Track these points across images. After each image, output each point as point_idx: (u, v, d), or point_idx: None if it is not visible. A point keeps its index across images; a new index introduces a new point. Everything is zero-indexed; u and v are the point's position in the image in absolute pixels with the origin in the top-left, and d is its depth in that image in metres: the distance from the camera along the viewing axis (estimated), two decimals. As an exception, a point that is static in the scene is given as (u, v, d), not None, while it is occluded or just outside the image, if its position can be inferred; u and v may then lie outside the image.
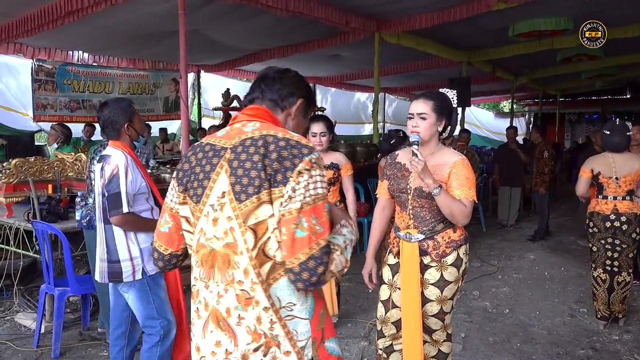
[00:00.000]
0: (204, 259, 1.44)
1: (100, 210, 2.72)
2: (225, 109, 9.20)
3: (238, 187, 1.37)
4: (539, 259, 6.37)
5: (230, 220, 1.38)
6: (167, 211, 1.56)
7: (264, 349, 1.39)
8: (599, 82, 13.08)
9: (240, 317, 1.39)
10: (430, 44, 7.73)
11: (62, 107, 8.05)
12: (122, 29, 6.51)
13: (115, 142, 2.78)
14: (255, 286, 1.37)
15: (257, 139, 1.40)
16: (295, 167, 1.35)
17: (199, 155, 1.48)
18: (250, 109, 1.53)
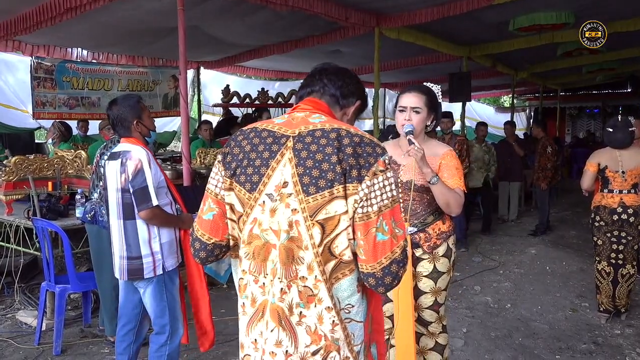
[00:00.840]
0: (256, 252, 1.36)
1: (120, 206, 2.70)
2: (225, 105, 9.20)
3: (306, 179, 1.29)
4: (540, 253, 6.36)
5: (295, 212, 1.30)
6: (211, 197, 1.45)
7: (323, 352, 1.33)
8: (600, 76, 13.04)
9: (301, 315, 1.32)
10: (430, 39, 7.70)
11: (61, 104, 8.02)
12: (121, 26, 6.48)
13: (128, 138, 2.78)
14: (319, 284, 1.31)
15: (328, 130, 1.34)
16: (371, 167, 1.30)
17: (254, 141, 1.38)
18: (312, 102, 1.47)
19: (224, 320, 4.14)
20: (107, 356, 3.59)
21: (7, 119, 8.12)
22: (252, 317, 1.39)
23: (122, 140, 2.82)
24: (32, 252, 4.23)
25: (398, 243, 1.31)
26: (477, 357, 3.55)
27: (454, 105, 10.57)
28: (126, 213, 2.69)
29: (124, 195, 2.67)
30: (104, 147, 3.67)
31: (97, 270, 3.71)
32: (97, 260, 3.70)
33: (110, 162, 2.77)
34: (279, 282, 1.33)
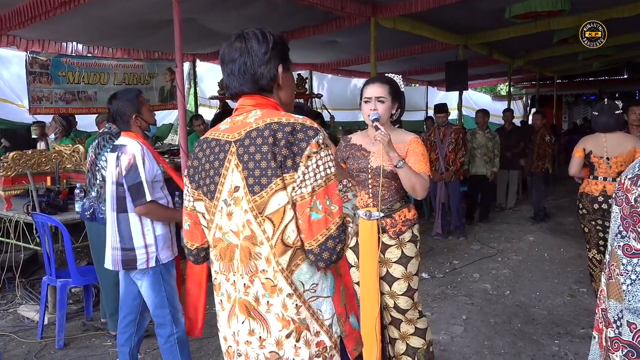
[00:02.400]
0: (222, 253, 1.47)
1: (114, 199, 2.73)
2: (222, 98, 9.16)
3: (251, 180, 1.37)
4: (538, 240, 6.40)
5: (246, 213, 1.39)
6: (185, 211, 1.59)
7: (295, 334, 1.41)
8: (596, 63, 13.02)
9: (269, 304, 1.41)
10: (426, 28, 7.67)
11: (57, 99, 7.98)
12: (116, 19, 6.44)
13: (127, 133, 2.81)
14: (277, 274, 1.39)
15: (262, 129, 1.38)
16: (304, 152, 1.34)
17: (206, 152, 1.47)
18: (247, 99, 1.48)
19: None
20: (110, 349, 3.61)
21: (3, 113, 8.09)
22: (230, 312, 1.48)
23: (122, 134, 2.84)
24: (32, 247, 4.24)
25: (333, 220, 1.36)
26: (477, 344, 3.59)
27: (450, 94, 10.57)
28: (119, 206, 2.72)
29: (118, 188, 2.71)
30: (97, 143, 3.66)
31: (98, 266, 3.72)
32: (98, 256, 3.70)
33: (110, 155, 2.81)
34: (241, 278, 1.43)
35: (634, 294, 0.70)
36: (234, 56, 1.45)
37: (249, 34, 1.46)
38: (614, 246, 0.76)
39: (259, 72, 1.44)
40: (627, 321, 0.71)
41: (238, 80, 1.46)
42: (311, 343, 1.42)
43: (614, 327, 0.72)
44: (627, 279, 0.72)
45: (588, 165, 4.06)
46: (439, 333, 3.74)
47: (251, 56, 1.44)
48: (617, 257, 0.75)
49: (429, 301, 4.39)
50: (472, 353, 3.46)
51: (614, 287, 0.74)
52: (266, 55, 1.44)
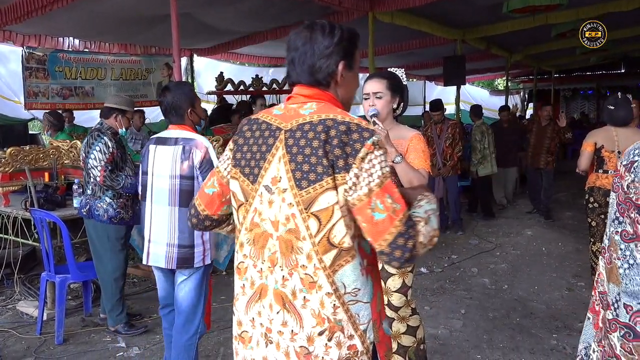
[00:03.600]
0: (256, 238, 1.45)
1: (175, 193, 2.65)
2: (220, 93, 9.15)
3: (299, 174, 1.34)
4: (536, 234, 6.42)
5: (291, 206, 1.36)
6: (216, 176, 1.55)
7: (328, 333, 1.39)
8: (594, 57, 13.03)
9: (305, 300, 1.38)
10: (424, 23, 7.67)
11: (54, 94, 7.96)
12: (113, 14, 6.42)
13: (180, 126, 2.74)
14: (318, 271, 1.36)
15: (315, 123, 1.35)
16: (358, 153, 1.31)
17: (255, 133, 1.45)
18: (305, 88, 1.45)
19: (224, 306, 4.17)
20: (109, 344, 3.62)
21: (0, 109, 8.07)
22: (250, 298, 1.47)
23: (172, 126, 2.76)
24: (31, 243, 4.23)
25: (398, 217, 1.31)
26: (476, 338, 3.60)
27: (448, 88, 10.56)
28: (183, 200, 2.64)
29: (183, 182, 2.64)
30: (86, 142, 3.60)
31: (97, 262, 3.72)
32: (97, 252, 3.71)
33: (162, 147, 2.71)
34: (279, 269, 1.40)
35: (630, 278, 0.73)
36: (297, 44, 1.43)
37: (317, 24, 1.43)
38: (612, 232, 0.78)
39: (317, 64, 1.42)
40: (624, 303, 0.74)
41: (296, 69, 1.45)
42: (343, 345, 1.40)
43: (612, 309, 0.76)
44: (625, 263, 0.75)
45: (596, 159, 4.06)
46: (438, 327, 3.75)
47: (312, 47, 1.41)
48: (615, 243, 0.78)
49: (428, 295, 4.40)
50: (470, 347, 3.47)
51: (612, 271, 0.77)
52: (328, 49, 1.41)
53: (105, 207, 3.55)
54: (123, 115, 3.67)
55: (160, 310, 2.99)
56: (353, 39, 1.47)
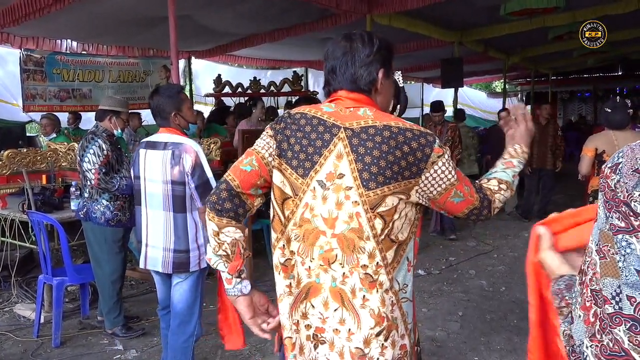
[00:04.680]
0: (306, 235, 1.43)
1: (169, 198, 2.65)
2: (218, 95, 9.16)
3: (366, 175, 1.36)
4: (533, 237, 6.42)
5: (356, 205, 1.37)
6: (256, 156, 1.48)
7: (385, 333, 1.39)
8: (591, 60, 13.06)
9: (365, 299, 1.39)
10: (421, 25, 7.69)
11: (51, 96, 7.96)
12: (111, 16, 6.42)
13: (169, 129, 2.72)
14: (380, 269, 1.38)
15: (380, 128, 1.39)
16: (429, 158, 1.38)
17: (306, 128, 1.44)
18: (351, 93, 1.47)
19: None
20: (107, 347, 3.61)
21: (-2, 112, 8.07)
22: (296, 298, 1.45)
23: (162, 130, 2.74)
24: (28, 245, 4.22)
25: (474, 197, 1.47)
26: (473, 340, 3.61)
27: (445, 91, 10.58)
28: (177, 205, 2.64)
29: (175, 187, 2.63)
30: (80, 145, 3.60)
31: (95, 265, 3.72)
32: (95, 255, 3.70)
33: (152, 152, 2.69)
34: (340, 267, 1.40)
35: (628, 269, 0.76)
36: (337, 54, 1.48)
37: (356, 34, 1.49)
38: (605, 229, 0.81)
39: (359, 72, 1.46)
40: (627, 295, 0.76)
41: (337, 77, 1.48)
42: (396, 344, 1.41)
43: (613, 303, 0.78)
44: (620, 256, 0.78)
45: (597, 164, 4.07)
46: (435, 329, 3.75)
47: (354, 56, 1.46)
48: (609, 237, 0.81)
49: (425, 297, 4.40)
50: (468, 349, 3.47)
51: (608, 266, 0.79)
52: (369, 58, 1.46)
53: (102, 209, 3.55)
54: (118, 117, 3.67)
55: (159, 311, 3.00)
56: (390, 48, 1.53)
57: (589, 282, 0.82)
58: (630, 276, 0.76)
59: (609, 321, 0.78)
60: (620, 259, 0.77)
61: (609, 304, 0.77)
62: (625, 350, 0.76)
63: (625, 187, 0.78)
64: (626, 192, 0.78)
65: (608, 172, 0.83)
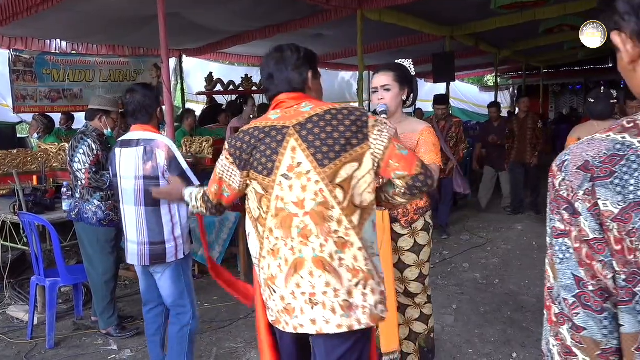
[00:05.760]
0: (283, 221, 1.69)
1: (141, 193, 2.68)
2: (209, 93, 9.12)
3: (319, 156, 1.64)
4: (526, 229, 6.46)
5: (318, 183, 1.64)
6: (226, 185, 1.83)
7: (363, 282, 1.66)
8: (582, 52, 13.12)
9: (341, 259, 1.65)
10: (412, 20, 7.68)
11: (42, 97, 7.88)
12: (100, 15, 6.37)
13: (144, 126, 2.75)
14: (349, 231, 1.65)
15: (322, 114, 1.68)
16: (367, 124, 1.68)
17: (259, 137, 1.72)
18: (290, 94, 1.76)
19: (217, 307, 4.17)
20: (101, 347, 3.60)
21: (-13, 112, 8.00)
22: (287, 273, 1.69)
23: (135, 127, 2.76)
24: (20, 247, 4.20)
25: (417, 156, 1.75)
26: (467, 333, 3.62)
27: (438, 85, 10.59)
28: (148, 200, 2.67)
29: (147, 182, 2.66)
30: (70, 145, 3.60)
31: (88, 265, 3.70)
32: (87, 255, 3.69)
33: (125, 149, 2.73)
34: (316, 239, 1.66)
35: (563, 272, 0.78)
36: (272, 64, 1.77)
37: (284, 46, 1.79)
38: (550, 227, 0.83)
39: (292, 75, 1.75)
40: (563, 298, 0.79)
41: (276, 82, 1.76)
42: (376, 291, 1.68)
43: (557, 303, 0.80)
44: (557, 259, 0.80)
45: None
46: (430, 323, 3.76)
47: (286, 63, 1.75)
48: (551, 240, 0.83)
49: (420, 292, 4.42)
50: (462, 342, 3.49)
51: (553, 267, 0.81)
52: (298, 62, 1.76)
53: (94, 209, 3.54)
54: (108, 116, 3.67)
55: (143, 307, 3.01)
56: (314, 55, 1.84)
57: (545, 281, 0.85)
58: (565, 279, 0.78)
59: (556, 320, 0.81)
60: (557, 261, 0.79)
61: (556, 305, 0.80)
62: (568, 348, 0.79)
63: (570, 185, 0.78)
64: (571, 191, 0.78)
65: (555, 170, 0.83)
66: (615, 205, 0.74)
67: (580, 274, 0.77)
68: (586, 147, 0.80)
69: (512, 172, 7.34)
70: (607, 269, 0.75)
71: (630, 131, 0.78)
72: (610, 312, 0.76)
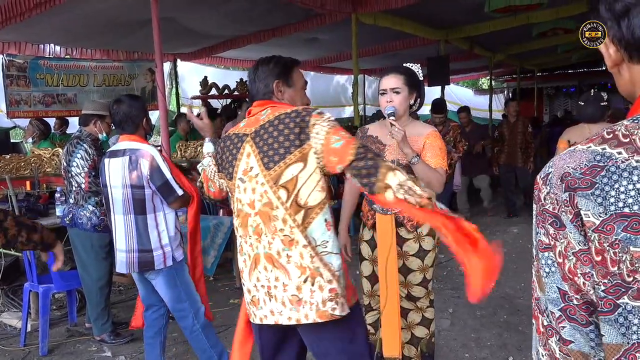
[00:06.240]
0: (242, 221, 1.86)
1: (129, 202, 2.73)
2: (204, 97, 9.10)
3: (266, 159, 1.76)
4: (522, 232, 6.47)
5: (263, 185, 1.77)
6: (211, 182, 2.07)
7: (310, 279, 1.74)
8: (575, 55, 13.18)
9: (288, 256, 1.76)
10: (407, 23, 7.71)
11: (36, 102, 7.86)
12: (94, 20, 6.36)
13: (131, 136, 2.81)
14: (294, 229, 1.74)
15: (272, 120, 1.80)
16: (308, 124, 1.74)
17: (228, 144, 1.91)
18: (259, 102, 1.91)
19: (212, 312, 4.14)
20: (95, 354, 3.57)
21: (-20, 118, 7.95)
22: (250, 268, 1.85)
23: (122, 137, 2.83)
24: (13, 253, 4.17)
25: (352, 142, 1.72)
26: (464, 337, 3.61)
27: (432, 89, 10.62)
28: (137, 208, 2.73)
29: (134, 191, 2.71)
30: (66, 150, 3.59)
31: (82, 271, 3.68)
32: (81, 261, 3.67)
33: (113, 160, 2.79)
34: (265, 237, 1.79)
35: (549, 286, 0.79)
36: (250, 76, 1.96)
37: (262, 59, 1.94)
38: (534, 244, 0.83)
39: (259, 86, 1.92)
40: (550, 311, 0.79)
41: (251, 92, 1.96)
42: (324, 288, 1.75)
43: (545, 316, 0.81)
44: (544, 272, 0.80)
45: None
46: (426, 327, 3.75)
47: (257, 75, 1.93)
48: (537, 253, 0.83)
49: (416, 296, 4.41)
50: (459, 346, 3.48)
51: (539, 280, 0.82)
52: (264, 74, 1.91)
53: (88, 215, 3.53)
54: (102, 121, 3.67)
55: (144, 312, 3.02)
56: (288, 64, 1.97)
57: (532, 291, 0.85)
58: (552, 293, 0.79)
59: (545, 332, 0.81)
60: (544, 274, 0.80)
61: (544, 317, 0.81)
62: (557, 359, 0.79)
63: (555, 198, 0.78)
64: (556, 204, 0.78)
65: (540, 183, 0.83)
66: (596, 216, 0.74)
67: (564, 288, 0.77)
68: (568, 158, 0.80)
69: (503, 175, 7.33)
70: (590, 282, 0.75)
71: (610, 142, 0.78)
72: (597, 324, 0.77)
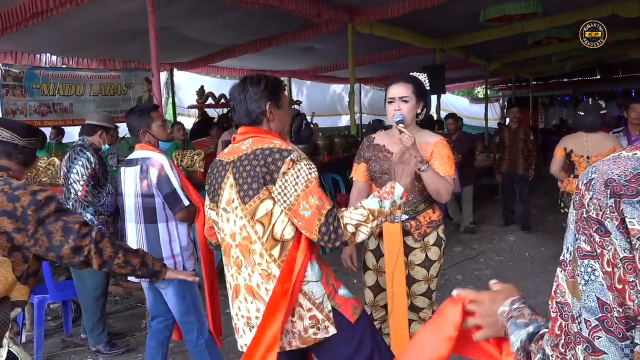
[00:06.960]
0: (225, 250, 1.88)
1: (139, 211, 2.74)
2: (200, 107, 9.12)
3: (242, 193, 1.75)
4: (519, 240, 6.47)
5: (242, 219, 1.77)
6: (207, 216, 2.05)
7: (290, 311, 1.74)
8: (570, 64, 13.30)
9: (267, 290, 1.76)
10: (402, 33, 7.75)
11: (32, 111, 7.86)
12: (91, 30, 6.37)
13: (142, 145, 2.83)
14: (271, 264, 1.75)
15: (249, 154, 1.76)
16: (279, 169, 1.69)
17: (214, 172, 1.90)
18: (244, 128, 1.85)
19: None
20: (91, 365, 3.54)
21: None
22: (232, 296, 1.89)
23: (137, 147, 2.85)
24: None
25: (320, 212, 1.67)
26: (462, 345, 3.59)
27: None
28: (147, 217, 2.73)
29: (145, 200, 2.72)
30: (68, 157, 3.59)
31: (77, 281, 3.66)
32: (77, 271, 3.64)
33: (127, 169, 2.80)
34: (245, 269, 1.80)
35: (587, 294, 0.77)
36: (235, 95, 1.85)
37: (248, 77, 1.86)
38: (574, 247, 0.81)
39: (250, 107, 1.81)
40: (584, 319, 0.78)
41: (237, 113, 1.85)
42: (304, 317, 1.77)
43: (577, 322, 0.79)
44: (582, 280, 0.79)
45: (569, 164, 4.09)
46: (424, 336, 3.73)
47: (246, 95, 1.82)
48: (575, 259, 0.81)
49: (414, 304, 4.39)
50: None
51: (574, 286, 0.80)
52: (256, 95, 1.81)
53: (85, 224, 3.50)
54: (107, 133, 3.71)
55: (149, 322, 3.01)
56: (277, 85, 1.88)
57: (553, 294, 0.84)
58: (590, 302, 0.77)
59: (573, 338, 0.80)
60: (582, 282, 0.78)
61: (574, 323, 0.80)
62: None
63: (599, 204, 0.77)
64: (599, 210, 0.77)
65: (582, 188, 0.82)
66: None
67: (606, 299, 0.76)
68: (612, 164, 0.78)
69: (504, 183, 7.32)
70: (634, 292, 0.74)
71: None
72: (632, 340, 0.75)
